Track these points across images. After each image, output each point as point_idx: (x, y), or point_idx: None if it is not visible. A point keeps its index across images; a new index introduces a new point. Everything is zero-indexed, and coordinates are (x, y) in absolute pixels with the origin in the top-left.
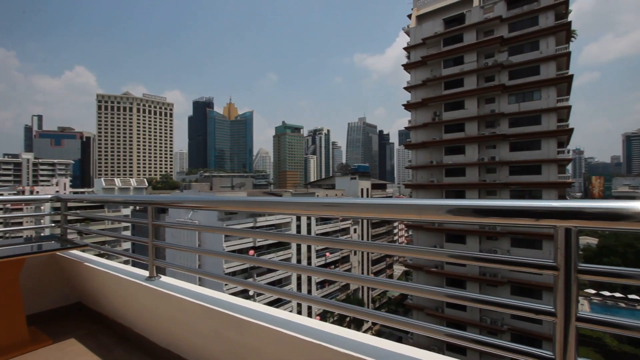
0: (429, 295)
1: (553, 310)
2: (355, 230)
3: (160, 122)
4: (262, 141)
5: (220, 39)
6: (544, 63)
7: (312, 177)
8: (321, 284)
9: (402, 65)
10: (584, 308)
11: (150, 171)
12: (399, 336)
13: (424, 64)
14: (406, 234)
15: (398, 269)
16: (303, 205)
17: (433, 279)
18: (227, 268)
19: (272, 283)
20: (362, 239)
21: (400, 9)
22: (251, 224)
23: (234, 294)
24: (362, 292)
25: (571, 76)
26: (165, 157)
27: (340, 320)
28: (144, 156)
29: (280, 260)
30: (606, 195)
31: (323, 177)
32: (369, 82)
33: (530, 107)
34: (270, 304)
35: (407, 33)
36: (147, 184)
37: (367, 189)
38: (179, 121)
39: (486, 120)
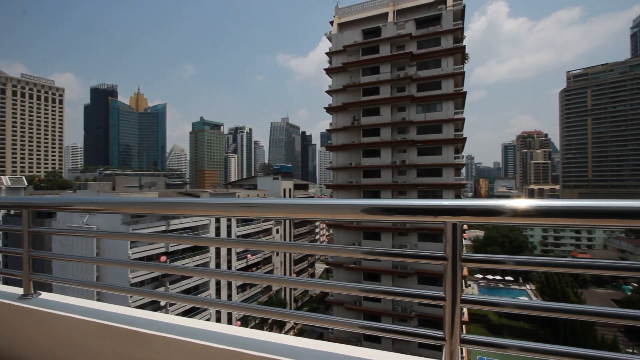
0: (343, 290)
1: (443, 295)
2: (277, 231)
3: (47, 110)
4: (177, 137)
5: (128, 21)
6: (445, 79)
7: (233, 177)
8: (242, 287)
9: (325, 69)
10: (473, 291)
11: (32, 168)
12: (321, 332)
13: (345, 70)
14: (327, 233)
15: (320, 267)
16: (220, 206)
17: (352, 274)
18: (133, 278)
19: (188, 290)
20: (285, 239)
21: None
22: (163, 227)
23: (141, 306)
24: (284, 292)
25: (465, 92)
26: (54, 152)
27: (263, 323)
28: (24, 150)
29: (197, 265)
30: (490, 194)
31: (244, 176)
32: (292, 83)
33: (433, 117)
34: (186, 313)
35: (329, 39)
36: (26, 183)
37: (290, 189)
38: (72, 110)
39: (398, 126)
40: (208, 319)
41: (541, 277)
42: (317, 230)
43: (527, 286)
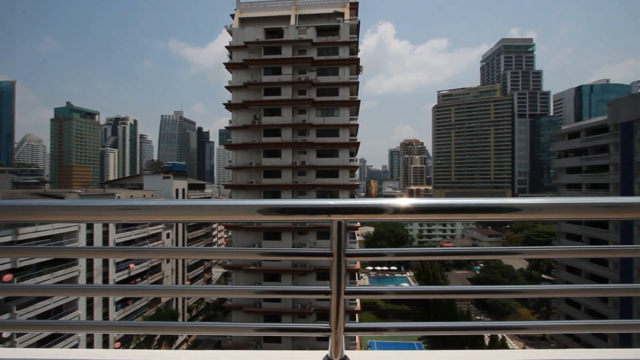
0: (233, 294)
1: (329, 289)
2: (168, 235)
3: None
4: (32, 125)
5: None
6: (342, 87)
7: (113, 175)
8: (122, 303)
9: (225, 63)
10: (365, 282)
11: None
12: (218, 341)
13: (246, 67)
14: (226, 235)
15: (217, 272)
16: (87, 210)
17: (252, 277)
18: None
19: (48, 314)
20: (177, 244)
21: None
22: (9, 238)
23: None
24: (175, 303)
25: (359, 101)
26: None
27: (150, 340)
28: None
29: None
30: (379, 194)
31: (127, 175)
32: (188, 74)
33: (331, 121)
34: (44, 342)
35: (230, 32)
36: None
37: (184, 190)
38: None
39: (299, 128)
40: (75, 345)
41: (418, 264)
42: (214, 232)
43: (408, 273)
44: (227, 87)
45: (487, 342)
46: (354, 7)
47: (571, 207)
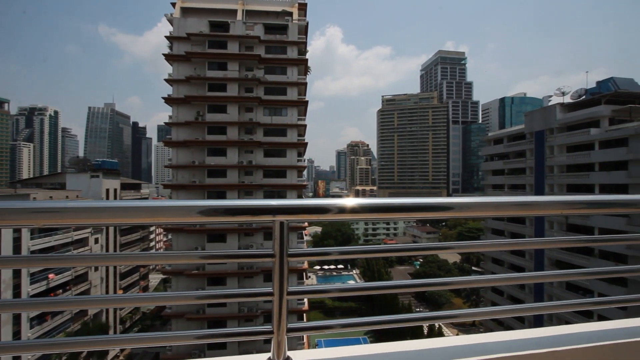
0: (180, 301)
1: (272, 290)
2: (97, 240)
3: None
4: None
5: None
6: (290, 87)
7: (27, 174)
8: (39, 318)
9: (164, 55)
10: (313, 281)
11: None
12: (156, 352)
13: (188, 60)
14: (165, 239)
15: (155, 278)
16: None
17: (194, 281)
18: None
19: None
20: (108, 249)
21: None
22: None
23: None
24: (106, 314)
25: (307, 101)
26: None
27: (74, 359)
28: None
29: None
30: (326, 194)
31: (46, 173)
32: (121, 64)
33: (279, 121)
34: None
35: (171, 22)
36: None
37: (116, 190)
38: None
39: (246, 126)
40: None
41: (363, 262)
42: (151, 236)
43: (354, 271)
44: (167, 80)
45: (425, 331)
46: (303, 8)
47: (492, 206)
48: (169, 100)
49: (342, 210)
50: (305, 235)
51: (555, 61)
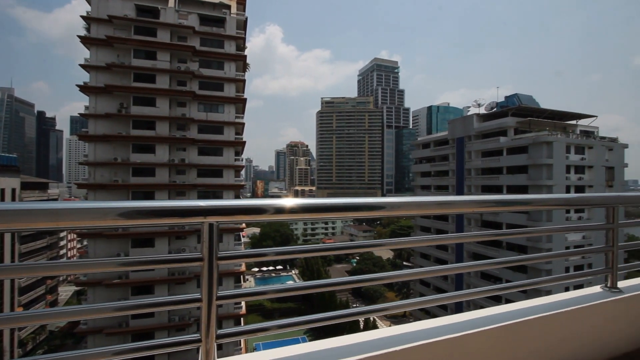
0: (95, 315)
1: (200, 296)
2: None
3: None
4: None
5: None
6: (227, 83)
7: None
8: None
9: (80, 37)
10: (251, 284)
11: None
12: None
13: (110, 45)
14: (80, 245)
15: (66, 290)
16: None
17: (116, 292)
18: None
19: None
20: (3, 260)
21: None
22: None
23: None
24: (0, 337)
25: (245, 99)
26: None
27: None
28: None
29: None
30: (265, 194)
31: None
32: (22, 42)
33: (215, 117)
34: None
35: (88, 0)
36: None
37: (14, 190)
38: None
39: (178, 122)
40: None
41: (302, 262)
42: (62, 242)
43: (293, 271)
44: (83, 66)
45: (362, 325)
46: (242, 3)
47: (417, 205)
48: (85, 88)
49: (278, 210)
50: (243, 236)
51: (473, 76)
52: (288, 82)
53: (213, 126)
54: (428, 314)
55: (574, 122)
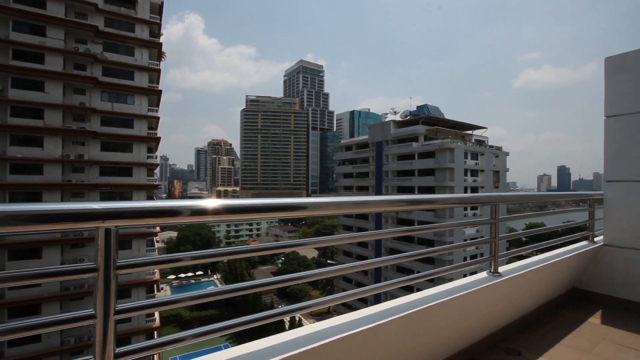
0: None
1: (93, 312)
2: None
3: None
4: None
5: None
6: (138, 71)
7: None
8: None
9: None
10: (166, 293)
11: None
12: None
13: None
14: None
15: None
16: None
17: None
18: None
19: None
20: None
21: None
22: None
23: None
24: None
25: (160, 91)
26: None
27: None
28: None
29: None
30: (184, 195)
31: None
32: None
33: (123, 109)
34: None
35: None
36: None
37: None
38: None
39: (74, 112)
40: None
41: (225, 265)
42: None
43: (215, 276)
44: None
45: (287, 325)
46: None
47: (335, 205)
48: None
49: (196, 212)
50: (157, 241)
51: (390, 86)
52: (210, 77)
53: (120, 119)
54: (350, 308)
55: (470, 132)
